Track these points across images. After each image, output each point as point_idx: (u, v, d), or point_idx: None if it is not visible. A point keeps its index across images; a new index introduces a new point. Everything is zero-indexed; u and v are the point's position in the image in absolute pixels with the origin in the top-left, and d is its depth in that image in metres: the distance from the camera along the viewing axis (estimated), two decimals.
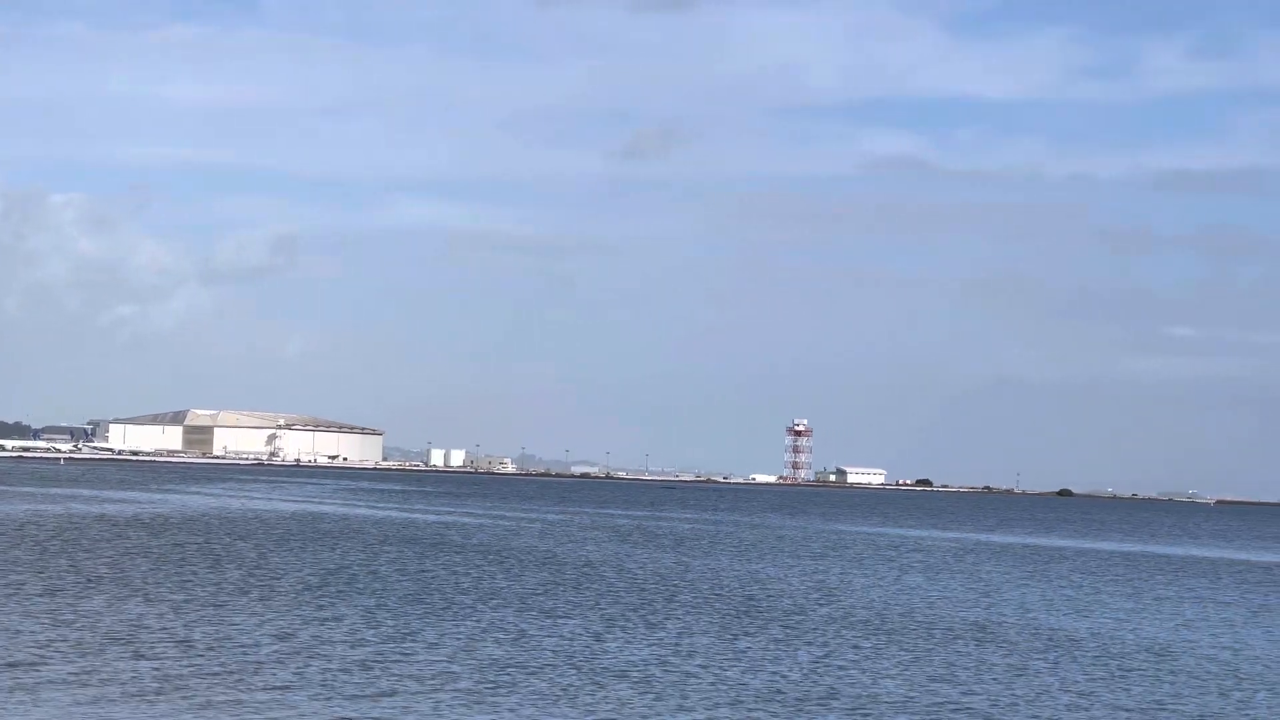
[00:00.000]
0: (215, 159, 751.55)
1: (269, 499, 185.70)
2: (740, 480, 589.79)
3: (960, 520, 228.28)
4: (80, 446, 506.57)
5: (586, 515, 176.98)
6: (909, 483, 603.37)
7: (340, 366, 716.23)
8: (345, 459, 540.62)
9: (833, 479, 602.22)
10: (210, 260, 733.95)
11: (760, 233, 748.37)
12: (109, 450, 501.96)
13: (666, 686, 43.11)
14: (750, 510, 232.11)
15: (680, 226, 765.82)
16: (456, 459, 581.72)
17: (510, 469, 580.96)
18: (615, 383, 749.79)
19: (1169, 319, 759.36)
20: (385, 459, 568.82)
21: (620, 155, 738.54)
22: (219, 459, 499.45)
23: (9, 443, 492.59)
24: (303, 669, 43.14)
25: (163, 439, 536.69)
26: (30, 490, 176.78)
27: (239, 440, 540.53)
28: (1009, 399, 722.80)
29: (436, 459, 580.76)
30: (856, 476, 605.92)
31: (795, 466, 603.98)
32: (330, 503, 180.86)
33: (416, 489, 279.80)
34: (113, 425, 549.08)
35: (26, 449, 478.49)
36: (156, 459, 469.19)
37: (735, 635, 55.84)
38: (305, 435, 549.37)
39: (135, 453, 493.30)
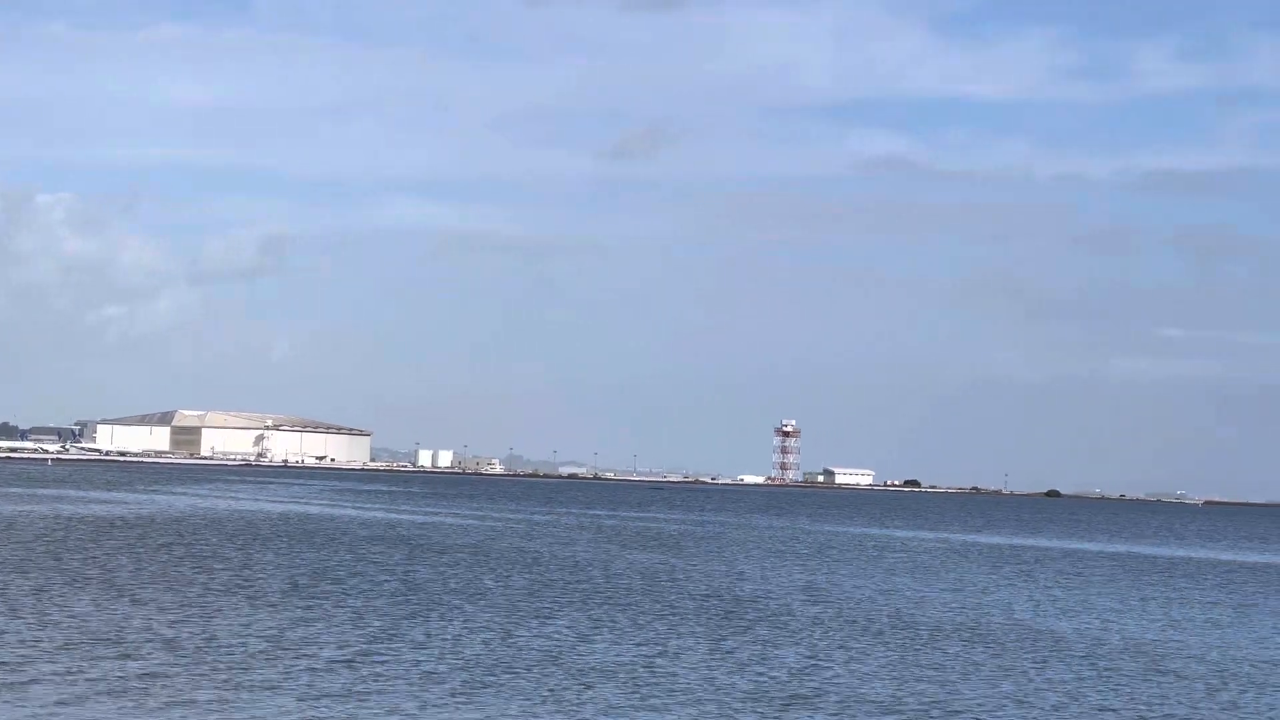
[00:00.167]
0: (204, 159, 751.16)
1: (256, 500, 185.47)
2: (728, 481, 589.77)
3: (948, 521, 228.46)
4: (67, 447, 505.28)
5: (574, 516, 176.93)
6: (897, 483, 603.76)
7: (328, 367, 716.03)
8: (333, 460, 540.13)
9: (821, 480, 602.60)
10: (199, 260, 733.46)
11: (749, 233, 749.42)
12: (96, 451, 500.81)
13: (653, 687, 43.08)
14: (738, 511, 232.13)
15: (670, 226, 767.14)
16: (444, 460, 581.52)
17: (498, 470, 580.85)
18: (604, 383, 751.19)
19: (1157, 320, 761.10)
20: (373, 460, 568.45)
21: (610, 155, 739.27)
22: (206, 460, 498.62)
23: None
24: (289, 669, 43.06)
25: (150, 440, 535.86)
26: (17, 491, 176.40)
27: (226, 441, 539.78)
28: (997, 399, 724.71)
29: (424, 460, 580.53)
30: (844, 477, 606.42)
31: (783, 467, 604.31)
32: (317, 503, 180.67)
33: (404, 490, 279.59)
34: (100, 426, 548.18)
35: (13, 450, 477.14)
36: (144, 460, 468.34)
37: (722, 636, 55.81)
38: (293, 436, 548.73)
39: (123, 453, 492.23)
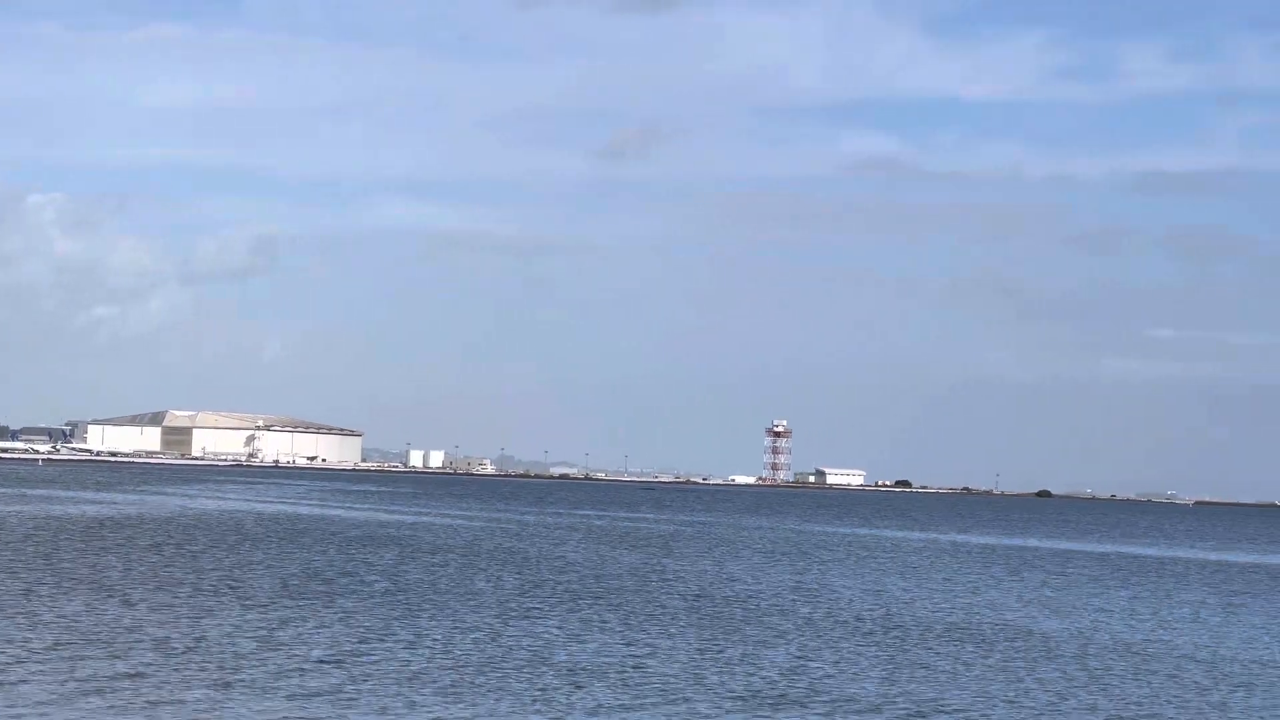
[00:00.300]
0: (196, 159, 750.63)
1: (247, 500, 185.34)
2: (719, 481, 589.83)
3: (939, 521, 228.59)
4: (58, 447, 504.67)
5: (564, 516, 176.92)
6: (888, 484, 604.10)
7: (320, 367, 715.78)
8: (324, 460, 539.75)
9: (812, 480, 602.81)
10: (190, 261, 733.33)
11: (741, 233, 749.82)
12: (87, 451, 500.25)
13: (643, 687, 43.08)
14: (729, 511, 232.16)
15: (662, 227, 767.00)
16: (435, 460, 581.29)
17: (489, 470, 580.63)
18: (595, 384, 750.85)
19: (1148, 320, 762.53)
20: (364, 460, 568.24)
21: (603, 155, 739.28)
22: (197, 460, 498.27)
23: None
24: (279, 669, 43.03)
25: (141, 440, 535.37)
26: (7, 491, 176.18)
27: (217, 441, 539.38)
28: (988, 400, 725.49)
29: (415, 460, 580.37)
30: (836, 477, 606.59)
31: (774, 468, 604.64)
32: (308, 504, 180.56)
33: (395, 490, 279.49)
34: (91, 426, 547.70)
35: (4, 450, 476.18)
36: (135, 460, 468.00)
37: (712, 636, 55.82)
38: (284, 436, 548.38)
39: (113, 454, 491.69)
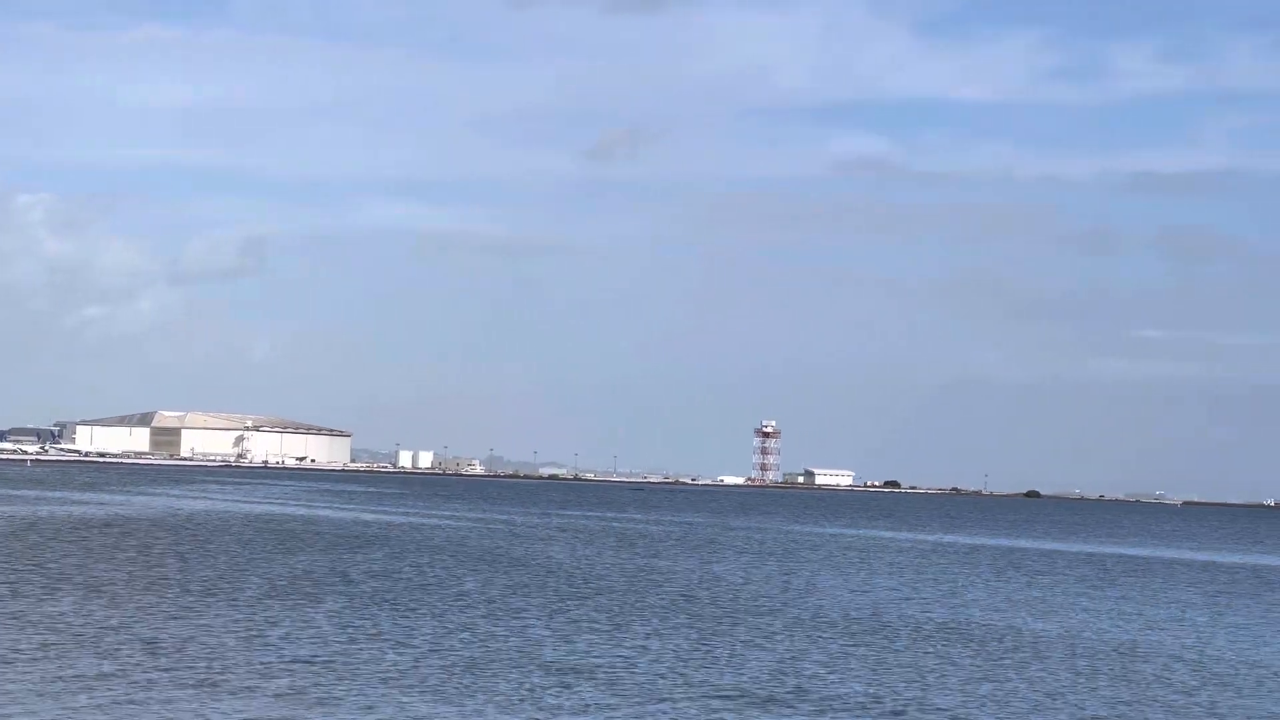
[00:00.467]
0: (185, 159, 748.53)
1: (235, 500, 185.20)
2: (708, 482, 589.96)
3: (927, 521, 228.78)
4: (46, 448, 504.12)
5: (554, 516, 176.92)
6: (877, 484, 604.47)
7: (309, 368, 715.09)
8: (313, 460, 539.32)
9: (801, 480, 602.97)
10: (179, 261, 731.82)
11: (731, 234, 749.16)
12: (75, 452, 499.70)
13: (633, 687, 43.13)
14: (718, 512, 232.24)
15: (651, 227, 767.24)
16: (425, 460, 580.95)
17: (478, 470, 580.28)
18: (584, 384, 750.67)
19: (1136, 320, 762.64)
20: (353, 460, 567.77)
21: (592, 156, 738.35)
22: (186, 460, 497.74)
23: None
24: (268, 669, 43.05)
25: (130, 440, 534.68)
26: None
27: (206, 442, 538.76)
28: (977, 400, 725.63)
29: (405, 460, 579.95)
30: (824, 478, 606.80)
31: (763, 468, 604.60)
32: (296, 504, 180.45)
33: (384, 490, 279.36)
34: (79, 427, 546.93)
35: None
36: (123, 461, 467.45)
37: (702, 636, 55.88)
38: (273, 437, 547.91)
39: (102, 454, 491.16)
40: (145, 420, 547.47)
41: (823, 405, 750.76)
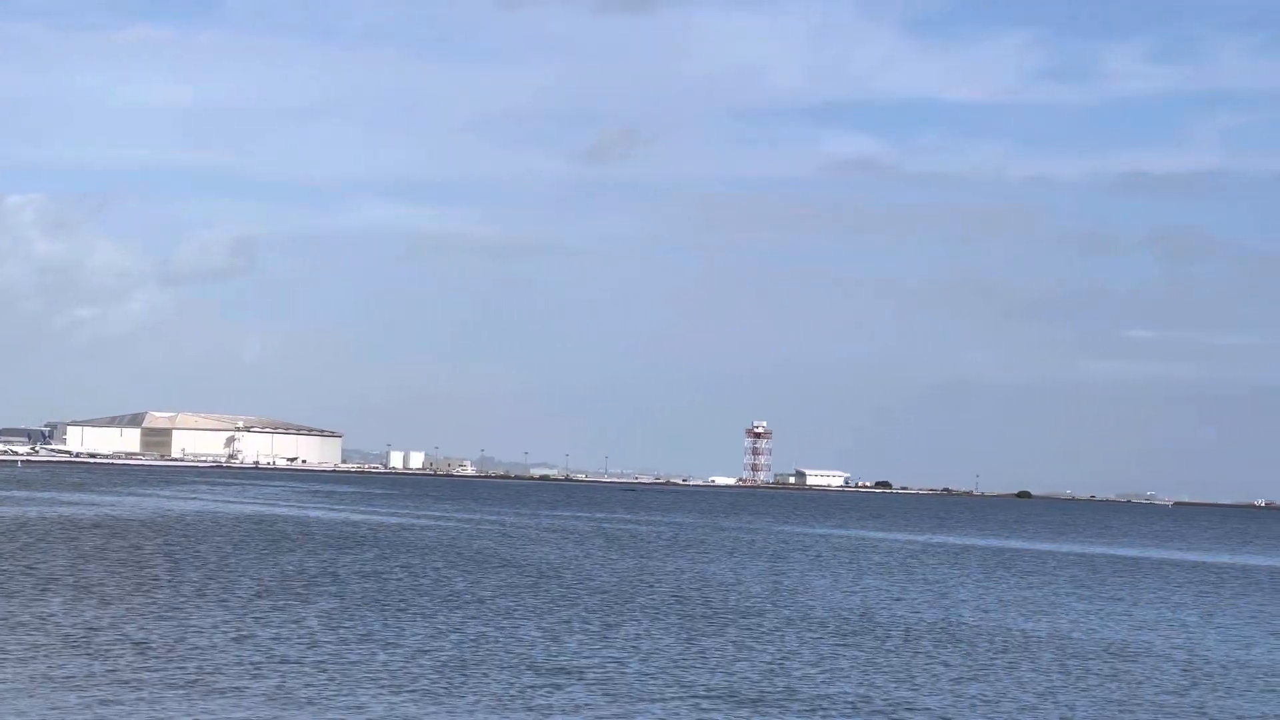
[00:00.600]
0: (176, 160, 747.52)
1: (226, 501, 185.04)
2: (699, 482, 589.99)
3: (918, 522, 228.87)
4: (37, 449, 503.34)
5: (545, 517, 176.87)
6: (868, 484, 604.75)
7: (300, 368, 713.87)
8: (304, 461, 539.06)
9: (792, 481, 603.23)
10: (170, 262, 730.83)
11: (722, 234, 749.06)
12: (66, 453, 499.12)
13: (624, 687, 43.13)
14: (709, 512, 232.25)
15: (642, 228, 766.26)
16: (416, 461, 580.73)
17: (469, 471, 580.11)
18: (576, 385, 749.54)
19: (1127, 321, 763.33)
20: (344, 461, 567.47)
21: (583, 157, 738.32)
22: (177, 461, 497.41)
23: None
24: (259, 670, 43.02)
25: (120, 441, 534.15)
26: None
27: (197, 442, 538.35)
28: (968, 400, 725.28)
29: (395, 461, 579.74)
30: (816, 479, 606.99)
31: (754, 468, 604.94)
32: (288, 505, 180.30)
33: (375, 491, 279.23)
34: (70, 428, 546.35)
35: None
36: (114, 461, 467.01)
37: (693, 636, 55.89)
38: (264, 437, 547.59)
39: (93, 455, 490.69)
40: (136, 421, 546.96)
41: (814, 406, 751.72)
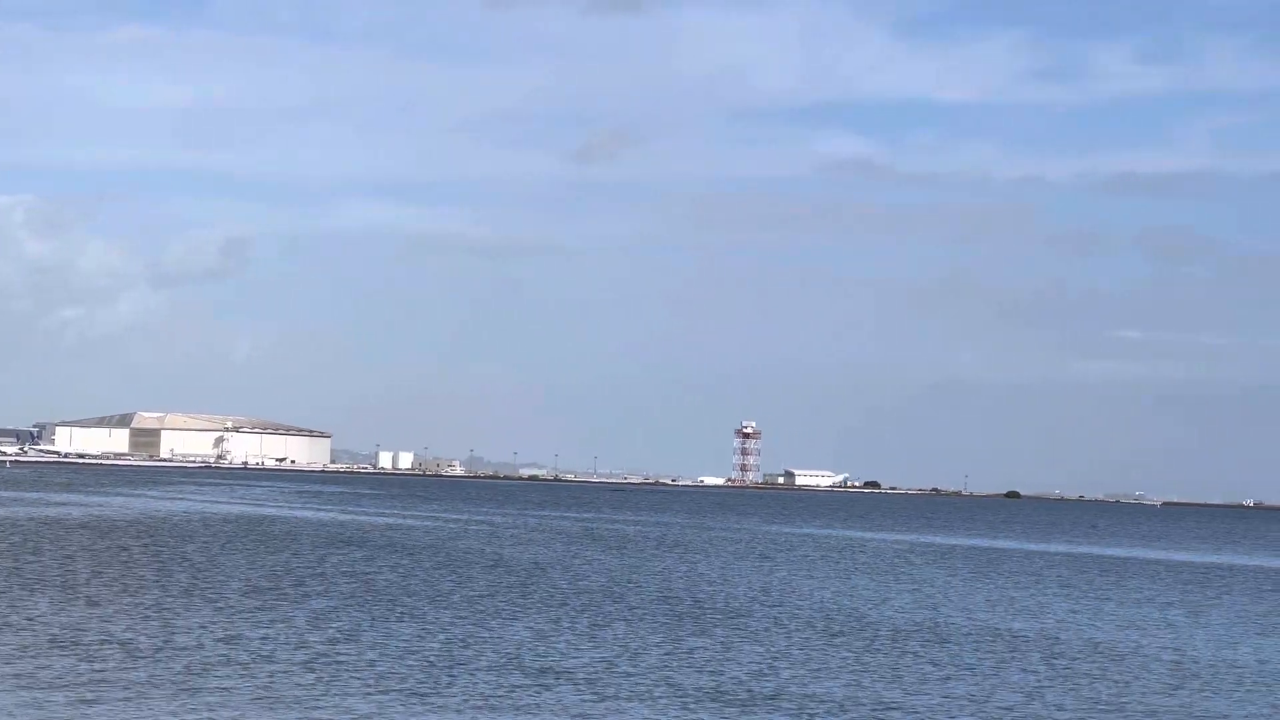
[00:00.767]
0: (166, 160, 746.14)
1: (215, 501, 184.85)
2: (688, 482, 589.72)
3: (908, 522, 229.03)
4: (26, 449, 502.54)
5: (534, 517, 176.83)
6: (858, 484, 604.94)
7: (289, 369, 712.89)
8: (293, 461, 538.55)
9: (781, 481, 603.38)
10: (160, 262, 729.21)
11: (713, 235, 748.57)
12: (55, 453, 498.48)
13: (613, 687, 43.13)
14: (698, 512, 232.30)
15: (633, 228, 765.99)
16: (405, 461, 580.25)
17: (458, 471, 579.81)
18: (565, 385, 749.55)
19: (1116, 321, 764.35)
20: (333, 461, 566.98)
21: (575, 157, 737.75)
22: (166, 461, 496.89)
23: None
24: (248, 670, 42.98)
25: (109, 442, 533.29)
26: None
27: (186, 443, 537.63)
28: (957, 401, 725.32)
29: (385, 461, 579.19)
30: (805, 479, 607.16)
31: (743, 469, 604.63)
32: (277, 505, 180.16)
33: (364, 491, 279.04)
34: (59, 428, 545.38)
35: None
36: (102, 462, 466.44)
37: (682, 637, 55.90)
38: (253, 438, 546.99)
39: (81, 455, 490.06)
40: (125, 421, 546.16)
41: (803, 406, 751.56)
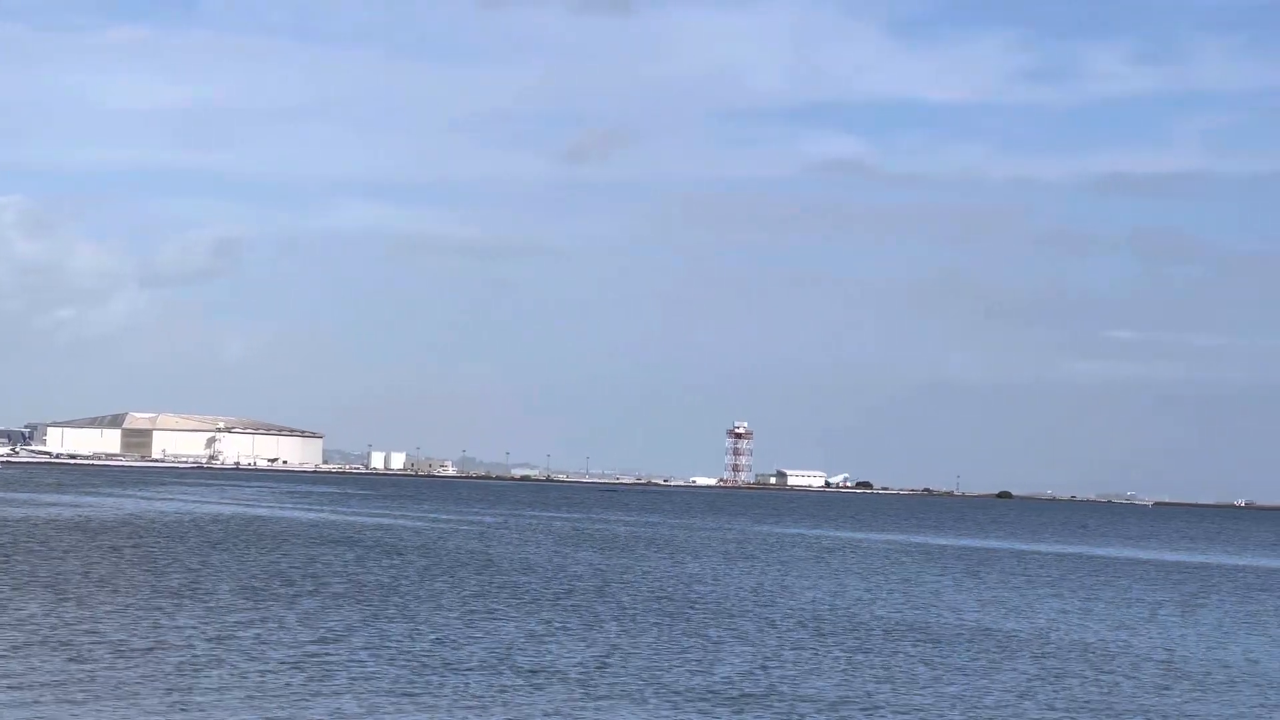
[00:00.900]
0: (157, 161, 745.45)
1: (206, 502, 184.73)
2: (680, 483, 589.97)
3: (899, 522, 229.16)
4: (17, 450, 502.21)
5: (526, 518, 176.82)
6: (849, 485, 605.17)
7: (281, 369, 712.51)
8: (285, 462, 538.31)
9: (773, 481, 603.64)
10: (151, 263, 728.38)
11: (703, 235, 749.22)
12: (46, 453, 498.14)
13: (604, 687, 43.13)
14: (690, 513, 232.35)
15: (623, 229, 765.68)
16: (397, 462, 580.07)
17: (450, 472, 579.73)
18: (557, 385, 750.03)
19: (1107, 321, 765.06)
20: (325, 462, 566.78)
21: (564, 158, 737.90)
22: (157, 462, 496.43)
23: None
24: (238, 670, 42.94)
25: (101, 442, 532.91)
26: None
27: (178, 443, 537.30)
28: (949, 401, 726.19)
29: (377, 462, 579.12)
30: (797, 479, 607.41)
31: (735, 469, 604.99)
32: (269, 505, 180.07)
33: (355, 492, 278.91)
34: (50, 428, 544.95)
35: None
36: (94, 462, 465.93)
37: (674, 637, 55.90)
38: (245, 438, 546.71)
39: (73, 456, 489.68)
40: (116, 422, 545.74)
41: (795, 406, 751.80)
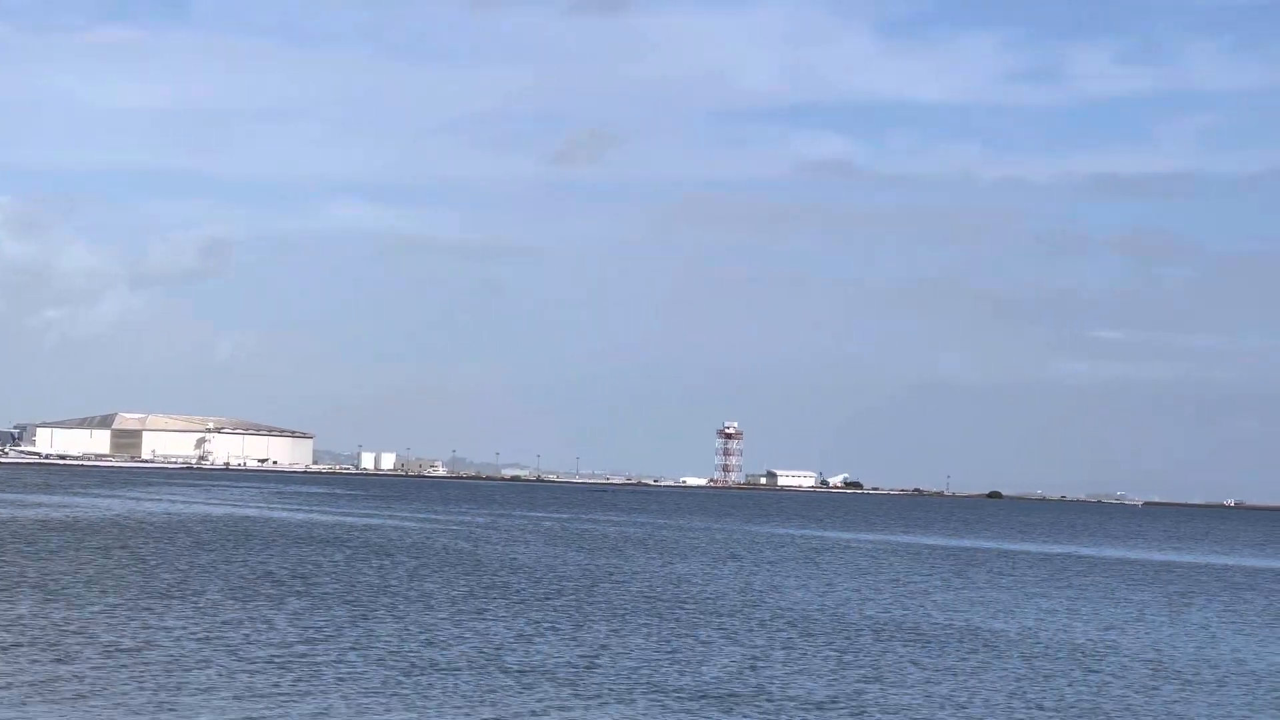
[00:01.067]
0: (147, 161, 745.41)
1: (196, 502, 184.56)
2: (671, 483, 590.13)
3: (889, 522, 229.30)
4: (6, 450, 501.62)
5: (516, 518, 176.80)
6: (839, 485, 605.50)
7: (271, 370, 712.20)
8: (275, 462, 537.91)
9: (763, 481, 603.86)
10: (141, 263, 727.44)
11: (693, 236, 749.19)
12: (35, 454, 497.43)
13: (594, 687, 43.15)
14: (680, 513, 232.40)
15: (614, 230, 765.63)
16: (387, 462, 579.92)
17: (441, 472, 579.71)
18: (547, 386, 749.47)
19: (1097, 322, 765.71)
20: (315, 462, 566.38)
21: (554, 158, 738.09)
22: (147, 463, 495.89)
23: None
24: (227, 670, 42.92)
25: (90, 443, 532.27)
26: None
27: (167, 444, 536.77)
28: (939, 401, 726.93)
29: (367, 462, 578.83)
30: (787, 479, 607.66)
31: (726, 469, 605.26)
32: (258, 506, 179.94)
33: (345, 492, 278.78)
34: (40, 429, 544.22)
35: None
36: (83, 463, 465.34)
37: (663, 636, 55.92)
38: (235, 439, 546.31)
39: (62, 457, 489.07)
40: (106, 422, 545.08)
41: (785, 406, 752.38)
